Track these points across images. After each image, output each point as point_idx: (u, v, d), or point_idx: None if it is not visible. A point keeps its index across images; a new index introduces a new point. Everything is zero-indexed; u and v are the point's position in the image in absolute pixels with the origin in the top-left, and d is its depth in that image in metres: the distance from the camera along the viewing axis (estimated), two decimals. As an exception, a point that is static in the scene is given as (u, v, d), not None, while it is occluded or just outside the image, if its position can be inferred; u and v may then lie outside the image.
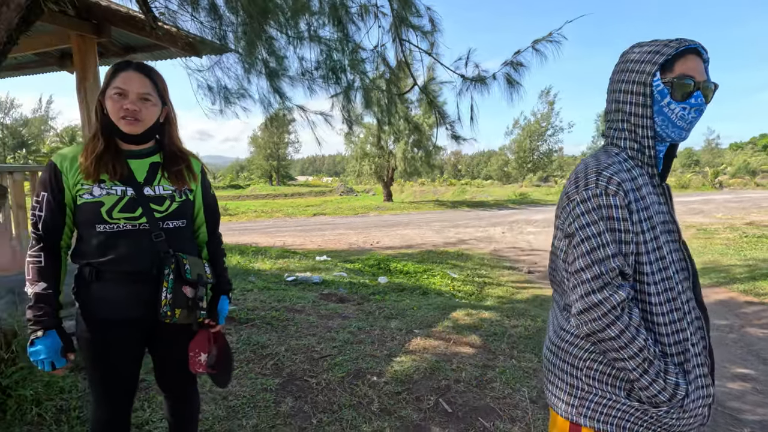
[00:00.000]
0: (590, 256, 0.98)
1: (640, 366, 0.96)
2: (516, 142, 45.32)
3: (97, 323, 1.39)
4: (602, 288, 0.96)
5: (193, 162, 1.53)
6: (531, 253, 9.92)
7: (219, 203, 1.69)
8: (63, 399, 2.19)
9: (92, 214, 1.34)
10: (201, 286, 1.44)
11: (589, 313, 0.97)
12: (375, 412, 2.37)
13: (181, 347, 1.51)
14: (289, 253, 8.72)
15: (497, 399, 2.54)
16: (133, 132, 1.38)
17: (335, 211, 20.78)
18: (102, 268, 1.35)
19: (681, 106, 1.00)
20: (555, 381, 1.12)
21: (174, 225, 1.43)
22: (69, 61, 5.26)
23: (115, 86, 1.34)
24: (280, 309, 3.98)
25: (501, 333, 3.56)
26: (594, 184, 0.99)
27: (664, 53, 1.00)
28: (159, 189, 1.42)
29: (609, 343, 0.96)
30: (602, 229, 0.98)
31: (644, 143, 1.04)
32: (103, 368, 1.42)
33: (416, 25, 3.60)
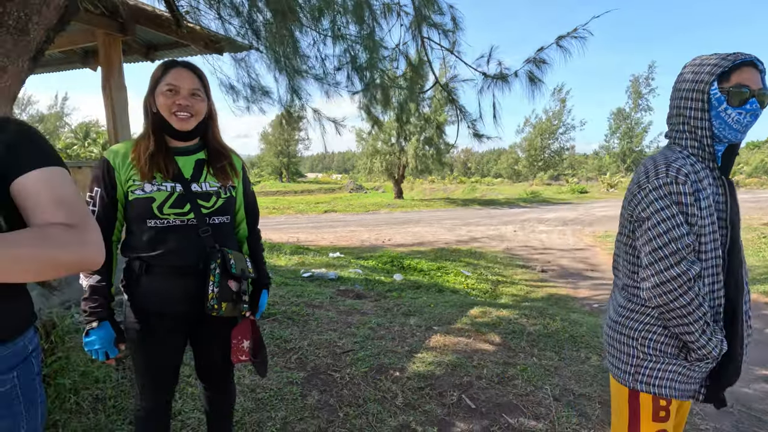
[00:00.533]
0: (667, 235, 1.14)
1: (701, 328, 1.14)
2: (527, 140, 44.97)
3: (145, 315, 1.44)
4: (679, 262, 1.13)
5: (234, 158, 1.57)
6: (544, 252, 9.88)
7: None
8: (99, 388, 2.25)
9: (144, 210, 1.38)
10: (244, 280, 1.48)
11: (666, 285, 1.14)
12: (399, 406, 2.41)
13: (223, 340, 1.55)
14: (303, 249, 8.79)
15: (520, 396, 2.56)
16: (185, 128, 1.41)
17: (346, 208, 20.84)
18: (152, 261, 1.40)
19: (737, 111, 1.14)
20: (614, 353, 1.31)
21: (219, 221, 1.47)
22: (92, 59, 5.36)
23: (167, 83, 1.38)
24: (300, 304, 4.03)
25: (520, 331, 3.58)
26: (665, 174, 1.15)
27: (722, 65, 1.15)
28: (205, 185, 1.46)
29: (679, 310, 1.14)
30: (675, 212, 1.14)
31: (704, 142, 1.19)
32: (150, 359, 1.47)
33: (438, 23, 3.61)
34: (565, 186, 31.42)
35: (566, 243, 10.81)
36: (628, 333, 1.26)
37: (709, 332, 1.15)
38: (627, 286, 1.30)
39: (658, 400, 1.23)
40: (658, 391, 1.22)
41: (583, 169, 47.44)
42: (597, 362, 3.09)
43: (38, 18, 2.21)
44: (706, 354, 1.16)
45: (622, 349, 1.28)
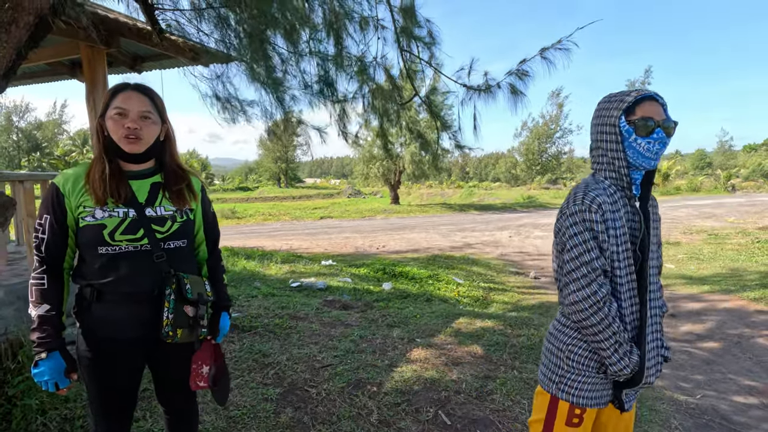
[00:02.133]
0: (579, 259, 1.26)
1: (612, 347, 1.26)
2: (524, 144, 45.06)
3: (97, 343, 1.41)
4: (590, 284, 1.25)
5: (193, 180, 1.55)
6: (538, 258, 9.86)
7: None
8: (67, 408, 2.23)
9: (94, 237, 1.35)
10: (201, 305, 1.46)
11: (578, 304, 1.26)
12: (374, 423, 2.39)
13: (181, 366, 1.53)
14: (295, 257, 8.77)
15: (497, 411, 2.53)
16: (135, 151, 1.39)
17: (342, 214, 20.83)
18: (103, 289, 1.37)
19: (646, 141, 1.26)
20: (545, 362, 1.43)
21: (175, 245, 1.44)
22: (80, 70, 5.36)
23: (115, 106, 1.36)
24: (284, 316, 4.01)
25: (503, 343, 3.55)
26: (581, 202, 1.27)
27: (626, 101, 1.28)
28: (160, 210, 1.44)
29: (591, 328, 1.26)
30: (588, 237, 1.25)
31: (621, 171, 1.30)
32: (103, 387, 1.44)
33: (418, 36, 3.61)
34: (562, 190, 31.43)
35: (560, 249, 10.79)
36: (557, 345, 1.38)
37: (622, 351, 1.26)
38: (561, 303, 1.41)
39: (573, 408, 1.35)
40: (575, 400, 1.34)
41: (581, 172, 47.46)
42: (578, 375, 3.06)
43: (6, 37, 2.21)
44: (618, 371, 1.27)
45: (551, 359, 1.40)
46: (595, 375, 1.33)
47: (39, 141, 40.53)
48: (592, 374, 1.33)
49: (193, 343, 1.49)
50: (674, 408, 2.85)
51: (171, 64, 5.06)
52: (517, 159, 47.71)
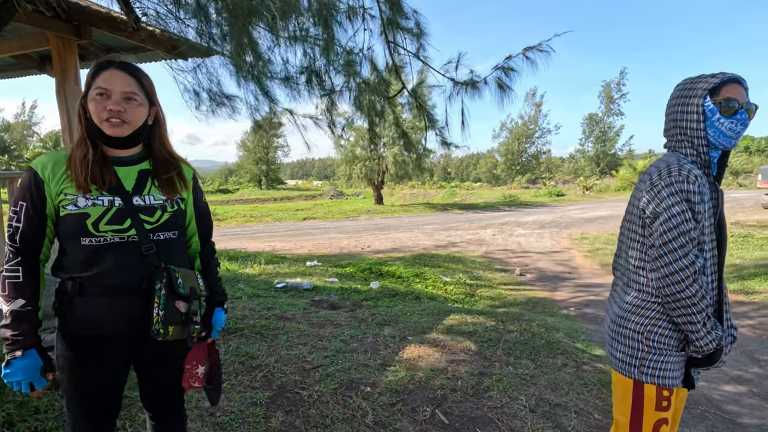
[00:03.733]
0: (677, 229, 1.24)
1: (703, 319, 1.24)
2: (504, 145, 45.66)
3: (79, 340, 1.29)
4: (687, 254, 1.24)
5: (184, 168, 1.45)
6: (522, 255, 9.93)
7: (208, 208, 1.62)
8: (38, 420, 2.06)
9: (77, 227, 1.24)
10: (194, 300, 1.36)
11: (676, 275, 1.24)
12: (369, 425, 2.29)
13: (172, 365, 1.43)
14: (279, 258, 8.59)
15: (495, 409, 2.47)
16: (118, 134, 1.28)
17: (326, 215, 20.63)
18: (86, 282, 1.26)
19: (730, 121, 1.29)
20: (618, 347, 1.39)
21: (165, 236, 1.34)
22: (49, 64, 5.10)
23: (97, 86, 1.25)
24: (270, 317, 3.87)
25: (496, 339, 3.51)
26: (677, 173, 1.26)
27: (712, 82, 1.30)
28: (149, 199, 1.33)
29: (685, 300, 1.23)
30: (685, 208, 1.24)
31: (700, 150, 1.32)
32: (83, 390, 1.31)
33: (405, 27, 3.54)
34: (542, 189, 31.94)
35: (544, 246, 10.90)
36: (633, 327, 1.35)
37: (710, 325, 1.25)
38: (632, 283, 1.39)
39: (661, 390, 1.32)
40: (662, 381, 1.31)
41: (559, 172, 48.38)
42: (573, 369, 3.04)
43: (-34, 18, 2.04)
44: (703, 346, 1.26)
45: (626, 342, 1.36)
46: (676, 353, 1.32)
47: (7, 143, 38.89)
48: (674, 352, 1.32)
49: (185, 340, 1.38)
50: (669, 399, 2.84)
51: (148, 58, 4.86)
52: (498, 159, 48.31)
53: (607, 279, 7.20)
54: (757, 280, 6.19)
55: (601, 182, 33.05)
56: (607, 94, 42.08)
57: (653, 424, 1.32)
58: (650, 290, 1.34)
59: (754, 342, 4.14)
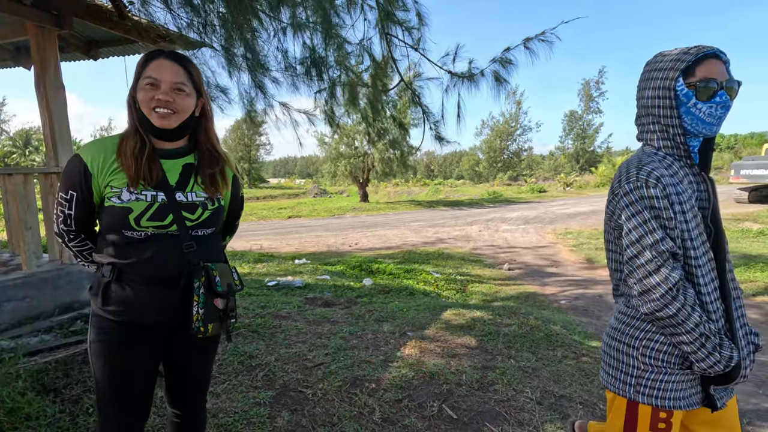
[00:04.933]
0: (641, 242, 1.09)
1: (697, 341, 1.08)
2: (486, 142, 46.09)
3: (113, 326, 1.27)
4: (657, 270, 1.07)
5: (229, 163, 1.45)
6: (509, 250, 10.02)
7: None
8: (30, 427, 1.95)
9: (119, 220, 1.25)
10: (231, 297, 1.34)
11: (648, 294, 1.09)
12: (377, 422, 2.25)
13: (204, 358, 1.42)
14: (267, 257, 8.45)
15: (501, 402, 2.46)
16: (166, 126, 1.27)
17: (311, 213, 20.43)
18: (125, 269, 1.25)
19: (708, 105, 1.11)
20: (612, 362, 1.24)
21: (203, 233, 1.34)
22: (26, 56, 4.87)
23: (146, 76, 1.24)
24: (266, 316, 3.78)
25: (495, 332, 3.51)
26: (635, 178, 1.11)
27: (685, 60, 1.11)
28: (192, 196, 1.32)
29: (668, 320, 1.08)
30: (647, 217, 1.09)
31: (677, 139, 1.15)
32: (115, 378, 1.28)
33: (402, 20, 3.49)
34: (524, 186, 32.37)
35: (530, 241, 11.03)
36: (628, 341, 1.20)
37: (710, 346, 1.08)
38: (624, 294, 1.25)
39: (658, 411, 1.16)
40: (660, 403, 1.15)
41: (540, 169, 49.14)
42: (573, 361, 3.06)
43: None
44: (707, 367, 1.09)
45: (620, 358, 1.21)
46: (679, 371, 1.14)
47: (-26, 142, 37.20)
48: (676, 370, 1.14)
49: (220, 335, 1.38)
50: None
51: (132, 50, 4.68)
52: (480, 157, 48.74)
53: (593, 273, 7.33)
54: (737, 270, 6.38)
55: (581, 178, 33.70)
56: (587, 92, 42.89)
57: None
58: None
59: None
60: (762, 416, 2.59)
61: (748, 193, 15.47)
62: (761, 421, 2.53)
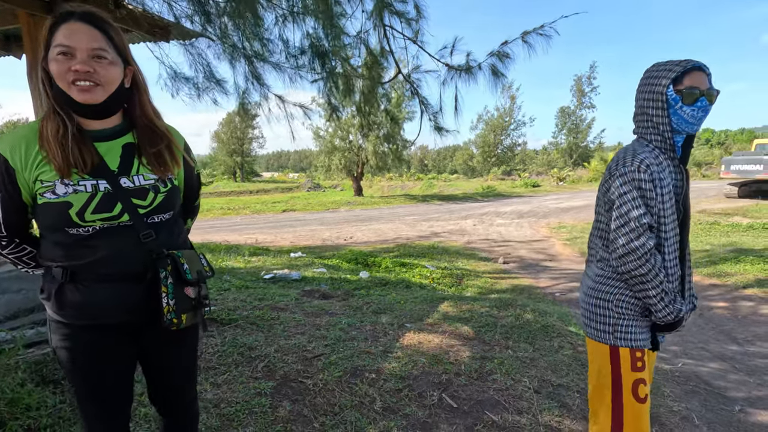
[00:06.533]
0: (628, 214, 1.36)
1: (659, 295, 1.36)
2: (480, 137, 46.15)
3: (75, 330, 1.17)
4: (638, 237, 1.34)
5: (175, 137, 1.29)
6: (503, 244, 10.08)
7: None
8: (31, 417, 1.94)
9: (58, 217, 1.10)
10: (203, 284, 1.26)
11: (628, 256, 1.36)
12: (378, 411, 2.27)
13: (183, 351, 1.35)
14: (262, 250, 8.43)
15: (500, 391, 2.50)
16: (90, 101, 1.09)
17: (305, 207, 20.38)
18: (78, 270, 1.13)
19: (691, 108, 1.37)
20: (592, 317, 1.50)
21: (160, 219, 1.21)
22: (15, 45, 4.77)
23: (58, 44, 1.05)
24: (263, 308, 3.78)
25: (492, 324, 3.54)
26: (630, 163, 1.38)
27: (675, 70, 1.38)
28: (139, 179, 1.18)
29: (639, 278, 1.36)
30: (636, 195, 1.35)
31: (665, 135, 1.42)
32: (92, 383, 1.22)
33: (400, 11, 3.48)
34: (518, 180, 32.53)
35: (524, 235, 11.11)
36: (604, 297, 1.47)
37: (667, 300, 1.36)
38: (603, 259, 1.52)
39: (635, 352, 1.43)
40: (634, 344, 1.43)
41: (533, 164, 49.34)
42: (570, 351, 3.10)
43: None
44: (663, 317, 1.39)
45: (599, 312, 1.48)
46: (641, 318, 1.44)
47: (-41, 134, 36.53)
48: (638, 317, 1.44)
49: (197, 324, 1.30)
50: (662, 377, 2.95)
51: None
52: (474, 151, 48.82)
53: (588, 266, 7.41)
54: (728, 263, 6.49)
55: (574, 173, 33.92)
56: (579, 88, 43.04)
57: (632, 383, 1.42)
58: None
59: (731, 321, 4.34)
60: (754, 403, 2.65)
61: (738, 188, 15.68)
62: (753, 408, 2.59)
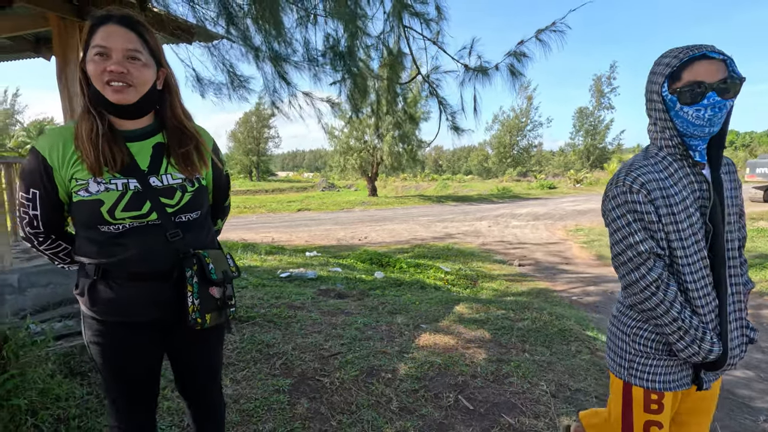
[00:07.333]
0: (623, 242, 1.18)
1: (675, 333, 1.16)
2: (496, 138, 45.78)
3: (108, 327, 1.23)
4: (637, 267, 1.17)
5: (204, 137, 1.32)
6: (519, 246, 10.00)
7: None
8: (60, 407, 2.01)
9: (91, 215, 1.14)
10: (228, 284, 1.29)
11: (630, 288, 1.20)
12: (395, 411, 2.29)
13: (208, 349, 1.38)
14: (278, 249, 8.52)
15: (517, 394, 2.49)
16: (124, 101, 1.13)
17: (320, 207, 20.53)
18: (110, 267, 1.18)
19: (694, 109, 1.12)
20: (612, 347, 1.35)
21: (187, 218, 1.24)
22: (45, 47, 4.94)
23: (95, 45, 1.10)
24: (280, 306, 3.84)
25: (508, 327, 3.52)
26: (621, 183, 1.18)
27: (671, 65, 1.13)
28: (167, 179, 1.21)
29: (649, 312, 1.18)
30: (630, 219, 1.17)
31: (674, 140, 1.18)
32: (122, 378, 1.27)
33: (420, 12, 3.49)
34: (533, 182, 32.16)
35: (540, 237, 10.99)
36: (622, 329, 1.31)
37: (689, 338, 1.15)
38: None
39: (649, 393, 1.26)
40: (650, 385, 1.25)
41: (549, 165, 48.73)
42: (588, 356, 3.07)
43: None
44: (686, 357, 1.18)
45: (617, 343, 1.33)
46: (666, 357, 1.23)
47: (-12, 132, 37.78)
48: (664, 356, 1.23)
49: (222, 325, 1.34)
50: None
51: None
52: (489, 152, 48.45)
53: (604, 270, 7.29)
54: (753, 270, 6.31)
55: (591, 175, 33.40)
56: (598, 88, 42.34)
57: (642, 425, 1.27)
58: None
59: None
60: (779, 414, 2.59)
61: (764, 192, 15.23)
62: (778, 419, 2.52)
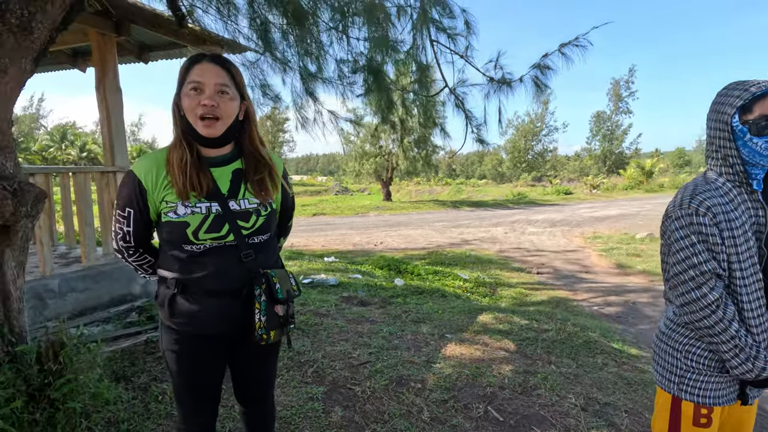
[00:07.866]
0: (686, 262, 1.23)
1: (731, 351, 1.21)
2: (511, 142, 45.56)
3: (183, 336, 1.35)
4: (699, 287, 1.21)
5: (276, 164, 1.43)
6: (536, 254, 9.94)
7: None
8: (110, 411, 2.12)
9: (177, 235, 1.27)
10: (290, 303, 1.38)
11: (688, 306, 1.24)
12: (426, 421, 2.34)
13: (267, 362, 1.50)
14: (297, 254, 8.64)
15: (546, 406, 2.51)
16: (212, 135, 1.25)
17: (334, 211, 20.68)
18: (188, 283, 1.30)
19: (764, 140, 1.19)
20: (660, 362, 1.39)
21: (259, 240, 1.36)
22: (81, 59, 5.15)
23: (190, 80, 1.23)
24: (306, 313, 3.92)
25: (533, 338, 3.54)
26: (687, 206, 1.24)
27: (742, 98, 1.20)
28: (244, 203, 1.33)
29: (705, 330, 1.23)
30: (694, 240, 1.22)
31: (736, 168, 1.25)
32: (193, 384, 1.39)
33: (447, 27, 3.56)
34: (548, 187, 31.87)
35: (557, 244, 10.92)
36: (673, 345, 1.35)
37: (743, 356, 1.20)
38: (670, 301, 1.39)
39: (699, 408, 1.30)
40: (701, 400, 1.30)
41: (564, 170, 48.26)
42: (615, 369, 3.07)
43: (42, 16, 2.07)
44: (739, 374, 1.23)
45: (667, 359, 1.36)
46: (717, 374, 1.28)
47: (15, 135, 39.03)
48: (714, 373, 1.28)
49: (279, 341, 1.43)
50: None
51: (182, 54, 4.89)
52: (503, 157, 48.20)
53: (625, 279, 7.23)
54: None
55: (608, 181, 32.97)
56: (616, 92, 41.89)
57: None
58: None
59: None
60: (813, 433, 2.56)
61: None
62: (812, 438, 2.50)
